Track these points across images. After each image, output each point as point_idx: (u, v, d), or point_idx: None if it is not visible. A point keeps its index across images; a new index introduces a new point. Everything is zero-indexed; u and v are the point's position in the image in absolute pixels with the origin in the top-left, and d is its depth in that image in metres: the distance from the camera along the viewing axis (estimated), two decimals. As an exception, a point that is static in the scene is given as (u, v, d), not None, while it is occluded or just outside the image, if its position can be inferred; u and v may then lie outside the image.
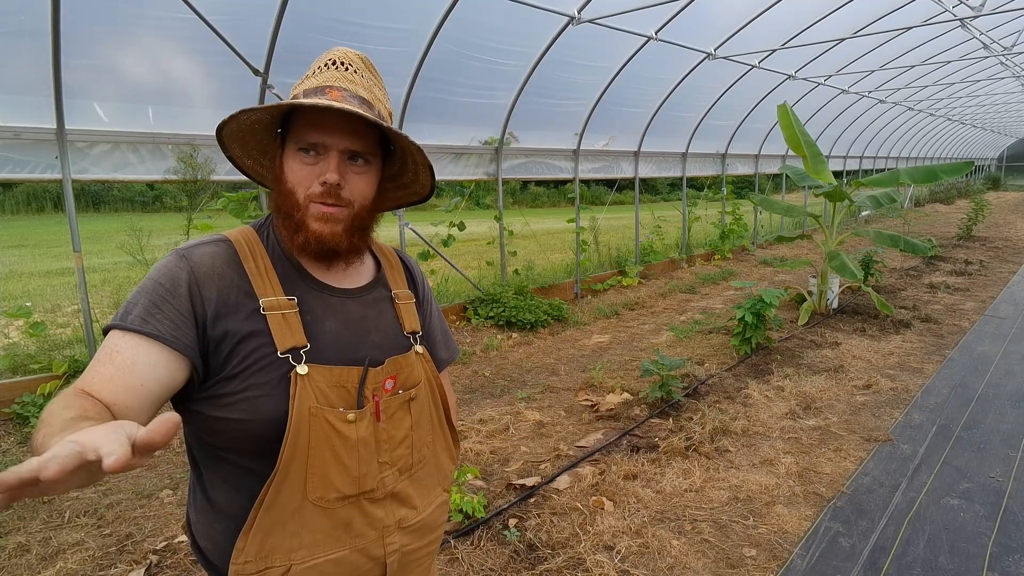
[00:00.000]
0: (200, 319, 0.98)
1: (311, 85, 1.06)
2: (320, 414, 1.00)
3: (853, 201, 7.09)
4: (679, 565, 2.69)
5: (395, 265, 1.26)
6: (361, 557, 1.07)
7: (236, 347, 0.98)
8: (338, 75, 1.07)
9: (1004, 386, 4.78)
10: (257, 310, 1.01)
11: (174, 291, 0.97)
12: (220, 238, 1.06)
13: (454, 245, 7.25)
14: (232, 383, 0.98)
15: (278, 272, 1.06)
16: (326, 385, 1.02)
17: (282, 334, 1.01)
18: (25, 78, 4.13)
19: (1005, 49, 9.78)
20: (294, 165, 1.04)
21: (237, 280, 1.02)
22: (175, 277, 0.98)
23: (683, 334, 6.31)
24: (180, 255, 1.01)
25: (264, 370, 0.99)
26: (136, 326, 0.94)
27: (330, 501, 1.03)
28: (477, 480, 3.43)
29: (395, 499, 1.11)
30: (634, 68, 7.62)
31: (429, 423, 1.19)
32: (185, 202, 5.04)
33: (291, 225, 1.04)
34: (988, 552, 2.73)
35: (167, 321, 0.95)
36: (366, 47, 5.40)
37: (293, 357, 1.00)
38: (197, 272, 0.99)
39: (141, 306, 0.96)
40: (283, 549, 1.00)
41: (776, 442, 3.85)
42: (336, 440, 1.02)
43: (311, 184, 1.03)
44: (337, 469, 1.02)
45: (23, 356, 4.69)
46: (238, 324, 0.99)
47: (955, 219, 17.31)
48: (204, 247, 1.03)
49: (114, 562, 2.78)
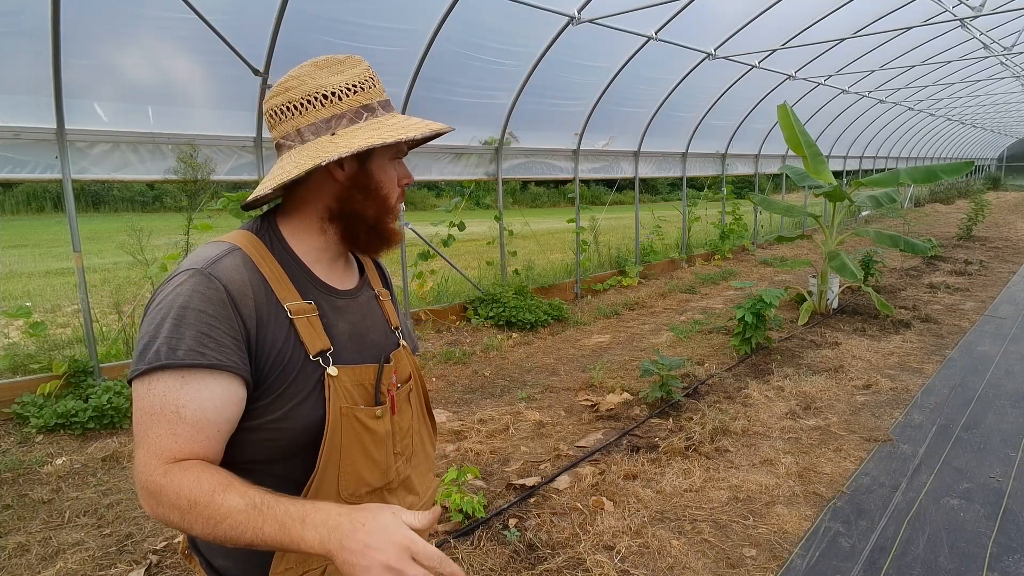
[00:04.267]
0: (245, 336, 0.96)
1: (374, 99, 1.07)
2: (351, 413, 1.03)
3: (853, 201, 7.09)
4: (679, 565, 2.69)
5: (370, 264, 1.30)
6: None
7: (276, 357, 0.99)
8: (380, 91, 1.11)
9: (1004, 386, 4.78)
10: (286, 316, 1.01)
11: (218, 314, 0.93)
12: (230, 246, 1.02)
13: (454, 245, 7.25)
14: (271, 393, 0.98)
15: (289, 276, 1.06)
16: (351, 384, 1.05)
17: (311, 338, 1.02)
18: (25, 78, 4.13)
19: (1005, 49, 9.78)
20: (391, 173, 1.10)
21: (263, 288, 1.01)
22: (214, 299, 0.94)
23: (683, 334, 6.31)
24: (206, 275, 0.95)
25: (299, 375, 1.00)
26: (192, 360, 0.89)
27: (360, 496, 1.06)
28: (477, 480, 3.43)
29: (404, 487, 1.17)
30: (634, 68, 7.62)
31: (419, 412, 1.26)
32: (185, 202, 5.04)
33: (381, 230, 1.11)
34: (988, 552, 2.73)
35: (225, 348, 0.92)
36: (366, 47, 5.40)
37: (322, 360, 1.03)
38: (231, 289, 0.96)
39: (190, 338, 0.90)
40: None
41: (776, 442, 3.85)
42: (366, 436, 1.06)
43: (395, 188, 1.11)
44: (367, 464, 1.07)
45: (23, 356, 4.69)
46: (274, 333, 0.99)
47: (955, 219, 17.31)
48: (225, 260, 0.98)
49: (114, 562, 2.78)
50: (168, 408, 0.90)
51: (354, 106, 1.05)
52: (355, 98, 1.05)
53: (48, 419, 4.06)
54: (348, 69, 1.06)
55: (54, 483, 3.49)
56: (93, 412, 4.13)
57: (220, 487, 0.85)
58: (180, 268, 0.98)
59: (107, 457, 3.80)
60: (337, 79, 1.05)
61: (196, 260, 0.98)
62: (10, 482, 3.48)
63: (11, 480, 3.50)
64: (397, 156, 1.11)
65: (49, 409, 4.11)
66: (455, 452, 3.82)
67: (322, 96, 1.04)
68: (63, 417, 4.09)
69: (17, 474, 3.57)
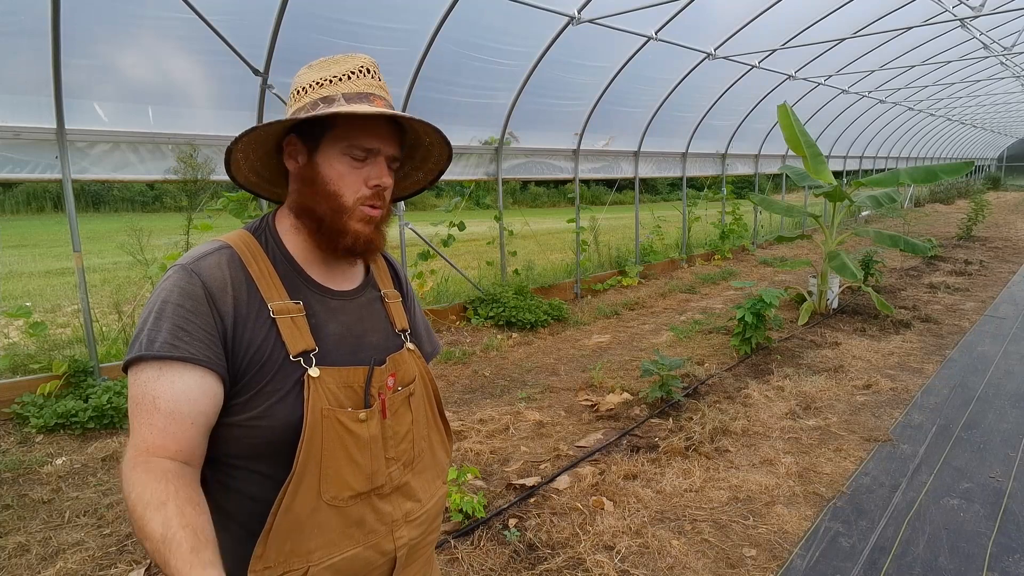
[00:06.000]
0: (222, 333, 0.97)
1: (351, 90, 1.05)
2: (332, 415, 1.02)
3: (853, 201, 7.09)
4: (679, 565, 2.69)
5: (381, 265, 1.29)
6: (373, 553, 1.10)
7: (253, 355, 0.99)
8: (375, 84, 1.09)
9: (1004, 386, 4.78)
10: (268, 315, 1.01)
11: (195, 309, 0.95)
12: (221, 244, 1.04)
13: (454, 245, 7.26)
14: (249, 390, 0.99)
15: (280, 276, 1.06)
16: (335, 386, 1.04)
17: (293, 338, 1.02)
18: (25, 78, 4.13)
19: (1005, 49, 9.78)
20: (340, 168, 1.05)
21: (246, 287, 1.01)
22: (192, 294, 0.96)
23: (683, 334, 6.31)
24: (188, 270, 0.98)
25: (277, 375, 1.00)
26: (166, 352, 0.92)
27: (344, 500, 1.04)
28: (477, 480, 3.43)
29: (401, 493, 1.14)
30: (634, 68, 7.62)
31: (425, 417, 1.23)
32: (185, 202, 5.04)
33: (332, 227, 1.06)
34: (988, 552, 2.73)
35: (197, 342, 0.94)
36: (366, 47, 5.39)
37: (304, 360, 1.02)
38: (210, 285, 0.98)
39: (166, 331, 0.93)
40: (301, 551, 1.01)
41: (776, 442, 3.85)
42: (348, 440, 1.03)
43: (359, 187, 1.06)
44: (350, 468, 1.04)
45: (23, 356, 4.69)
46: (253, 331, 1.00)
47: (955, 219, 17.32)
48: (208, 258, 1.01)
49: (114, 562, 2.78)
50: (147, 398, 0.92)
51: (315, 98, 1.05)
52: (319, 91, 1.05)
53: (48, 419, 4.06)
54: (335, 65, 1.07)
55: (54, 483, 3.49)
56: (93, 412, 4.13)
57: (154, 504, 0.84)
58: (173, 266, 1.02)
59: (107, 457, 3.80)
60: (313, 75, 1.06)
61: (185, 257, 1.02)
62: (10, 482, 3.49)
63: (11, 480, 3.51)
64: (354, 152, 1.04)
65: (49, 409, 4.11)
66: (455, 452, 3.82)
67: (293, 92, 1.08)
68: (63, 417, 4.09)
69: (17, 474, 3.57)
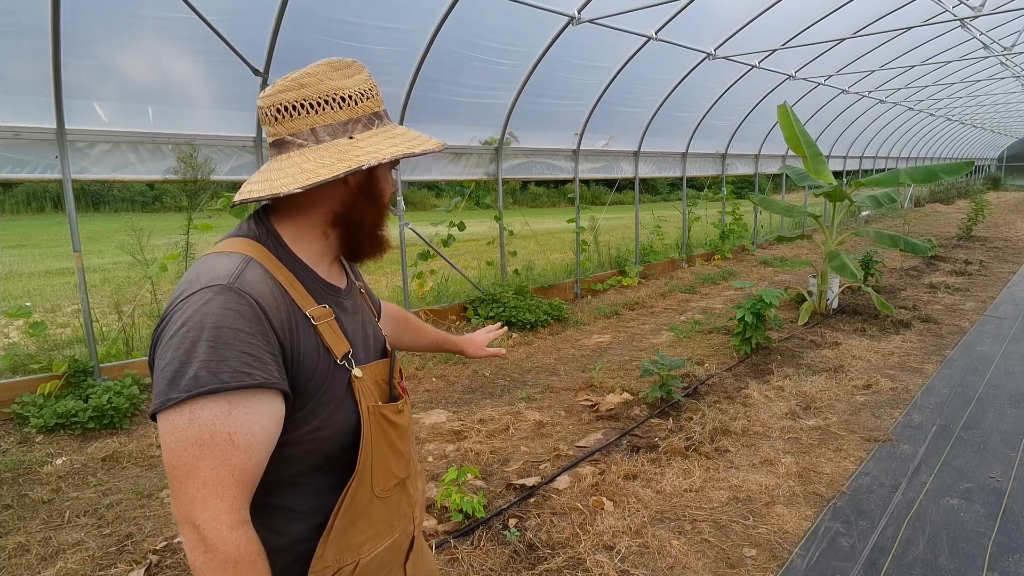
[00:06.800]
0: (280, 349, 0.94)
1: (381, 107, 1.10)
2: (377, 411, 1.06)
3: (853, 201, 7.09)
4: (679, 565, 2.69)
5: None
6: (403, 537, 1.16)
7: (308, 366, 0.98)
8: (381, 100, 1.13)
9: (1004, 386, 4.78)
10: (309, 323, 1.00)
11: (254, 331, 0.89)
12: (245, 257, 0.97)
13: (454, 245, 7.26)
14: (308, 402, 0.98)
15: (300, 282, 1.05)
16: (371, 383, 1.08)
17: (334, 342, 1.03)
18: (25, 78, 4.13)
19: (1005, 49, 9.78)
20: (387, 184, 1.12)
21: (285, 298, 0.98)
22: (246, 315, 0.89)
23: (683, 334, 6.31)
24: (235, 290, 0.90)
25: (331, 381, 1.01)
26: (236, 382, 0.86)
27: (389, 490, 1.10)
28: (477, 480, 3.43)
29: (416, 473, 1.23)
30: (634, 68, 7.62)
31: None
32: (185, 202, 5.04)
33: (374, 237, 1.13)
34: (988, 552, 2.73)
35: (265, 365, 0.90)
36: (366, 47, 5.40)
37: (347, 363, 1.04)
38: (262, 302, 0.92)
39: (232, 359, 0.86)
40: (353, 546, 1.05)
41: (776, 442, 3.85)
42: (391, 432, 1.10)
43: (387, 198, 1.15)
44: (395, 458, 1.11)
45: (23, 356, 4.69)
46: (303, 342, 0.98)
47: (955, 219, 17.31)
48: (248, 273, 0.94)
49: (114, 562, 2.78)
50: (220, 436, 0.85)
51: (367, 112, 1.06)
52: (367, 104, 1.06)
53: (48, 419, 4.06)
54: (356, 74, 1.07)
55: (54, 483, 3.49)
56: (93, 412, 4.13)
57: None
58: (197, 286, 0.91)
59: (107, 457, 3.80)
60: (350, 83, 1.05)
61: (215, 275, 0.92)
62: (10, 482, 3.49)
63: (11, 480, 3.51)
64: (394, 166, 1.13)
65: (49, 409, 4.11)
66: (455, 452, 3.82)
67: (340, 98, 1.02)
68: (63, 417, 4.09)
69: (17, 474, 3.57)
